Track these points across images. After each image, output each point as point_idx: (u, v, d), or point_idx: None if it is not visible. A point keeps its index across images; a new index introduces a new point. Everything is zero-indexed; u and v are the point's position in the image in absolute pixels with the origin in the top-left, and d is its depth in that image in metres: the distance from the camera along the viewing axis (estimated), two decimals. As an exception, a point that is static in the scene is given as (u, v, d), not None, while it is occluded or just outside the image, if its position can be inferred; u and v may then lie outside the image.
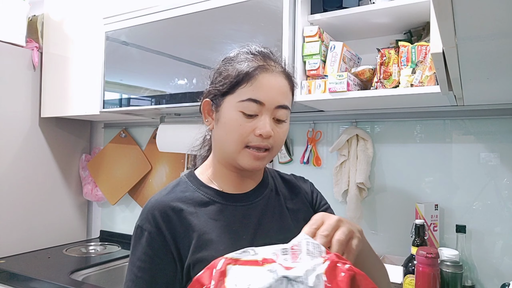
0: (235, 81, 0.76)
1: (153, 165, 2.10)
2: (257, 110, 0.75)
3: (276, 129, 0.77)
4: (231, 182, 0.83)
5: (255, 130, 0.75)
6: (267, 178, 0.89)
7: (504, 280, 1.24)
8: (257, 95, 0.75)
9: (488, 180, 1.36)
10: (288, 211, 0.87)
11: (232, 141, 0.76)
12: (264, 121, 0.75)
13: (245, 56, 0.79)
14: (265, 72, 0.76)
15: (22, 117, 1.96)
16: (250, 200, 0.83)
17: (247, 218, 0.80)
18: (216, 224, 0.77)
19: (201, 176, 0.84)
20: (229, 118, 0.76)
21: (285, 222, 0.85)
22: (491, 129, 1.36)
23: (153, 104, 1.63)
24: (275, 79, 0.77)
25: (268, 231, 0.80)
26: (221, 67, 0.81)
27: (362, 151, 1.52)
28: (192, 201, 0.78)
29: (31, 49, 1.99)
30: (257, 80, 0.75)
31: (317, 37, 1.34)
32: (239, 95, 0.76)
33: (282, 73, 0.79)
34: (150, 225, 0.75)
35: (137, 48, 1.67)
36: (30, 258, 1.84)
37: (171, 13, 1.56)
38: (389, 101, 1.36)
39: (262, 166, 0.79)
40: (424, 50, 1.22)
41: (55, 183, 2.13)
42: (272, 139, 0.77)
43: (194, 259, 0.73)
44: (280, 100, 0.77)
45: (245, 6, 1.37)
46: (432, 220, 1.37)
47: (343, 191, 1.55)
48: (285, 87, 0.79)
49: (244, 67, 0.77)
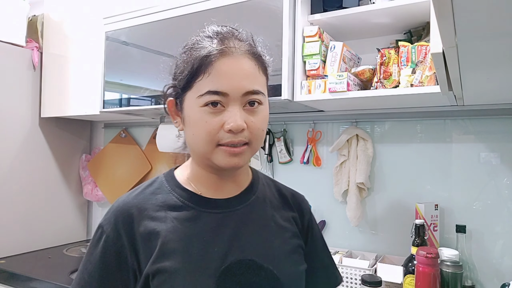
0: (190, 74, 0.66)
1: (153, 165, 2.10)
2: (222, 101, 0.65)
3: (250, 118, 0.66)
4: (211, 185, 0.73)
5: (224, 125, 0.64)
6: (256, 184, 0.79)
7: (504, 280, 1.24)
8: (217, 86, 0.64)
9: (488, 180, 1.36)
10: (275, 225, 0.75)
11: (201, 141, 0.66)
12: (231, 114, 0.64)
13: (202, 42, 0.67)
14: (222, 57, 0.65)
15: (22, 117, 1.96)
16: (229, 207, 0.73)
17: (222, 227, 0.70)
18: (185, 232, 0.68)
19: (179, 176, 0.75)
20: (193, 117, 0.67)
21: (268, 236, 0.73)
22: (491, 129, 1.36)
23: (153, 104, 1.63)
24: (236, 63, 0.65)
25: (245, 244, 0.70)
26: (178, 59, 0.70)
27: (362, 151, 1.52)
28: (163, 204, 0.70)
29: (31, 49, 1.99)
30: (214, 68, 0.64)
31: (317, 37, 1.34)
32: (197, 89, 0.65)
33: (246, 53, 0.67)
34: (111, 228, 0.68)
35: (137, 48, 1.67)
36: (30, 258, 1.84)
37: (171, 13, 1.55)
38: (389, 101, 1.36)
39: (242, 163, 0.68)
40: (424, 50, 1.22)
41: (55, 183, 2.13)
42: (247, 132, 0.66)
43: (154, 269, 0.65)
44: (247, 85, 0.65)
45: (245, 6, 1.37)
46: (432, 220, 1.37)
47: (343, 191, 1.55)
48: (251, 69, 0.67)
49: (198, 54, 0.66)
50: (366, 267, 1.36)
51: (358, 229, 1.57)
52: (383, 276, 1.26)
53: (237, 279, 0.67)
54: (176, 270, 0.65)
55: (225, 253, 0.68)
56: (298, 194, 0.86)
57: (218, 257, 0.67)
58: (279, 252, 0.73)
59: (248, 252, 0.69)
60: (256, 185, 0.79)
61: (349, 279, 1.38)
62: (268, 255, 0.71)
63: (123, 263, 0.66)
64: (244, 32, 0.71)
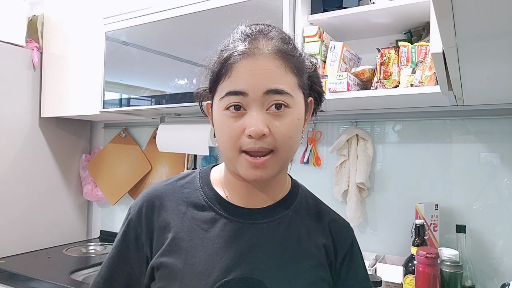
0: (215, 78, 0.64)
1: (153, 165, 2.10)
2: (243, 103, 0.60)
3: (275, 123, 0.60)
4: (239, 191, 0.69)
5: (245, 130, 0.60)
6: (293, 199, 0.72)
7: (504, 280, 1.24)
8: (236, 86, 0.60)
9: (488, 180, 1.36)
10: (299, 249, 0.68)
11: (225, 146, 0.63)
12: (251, 117, 0.59)
13: (230, 44, 0.65)
14: (244, 58, 0.61)
15: (22, 117, 1.96)
16: (252, 218, 0.67)
17: (237, 237, 0.65)
18: (197, 233, 0.65)
19: (213, 175, 0.73)
20: (217, 120, 0.64)
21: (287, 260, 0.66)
22: (491, 129, 1.36)
23: (153, 104, 1.63)
24: (258, 62, 0.60)
25: (257, 262, 0.64)
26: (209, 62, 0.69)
27: (362, 151, 1.52)
28: (186, 200, 0.69)
29: (31, 49, 1.99)
30: (235, 69, 0.61)
31: (317, 37, 1.34)
32: (219, 92, 0.63)
33: (272, 53, 0.61)
34: (135, 212, 0.70)
35: (137, 48, 1.67)
36: (30, 258, 1.84)
37: (171, 13, 1.55)
38: (389, 101, 1.36)
39: (266, 176, 0.62)
40: (424, 50, 1.22)
41: (55, 183, 2.13)
42: (271, 138, 0.60)
43: (159, 262, 0.65)
44: (268, 83, 0.60)
45: (245, 6, 1.37)
46: (432, 220, 1.37)
47: (343, 191, 1.55)
48: (274, 68, 0.61)
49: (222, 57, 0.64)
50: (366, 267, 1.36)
51: (358, 229, 1.57)
52: (383, 276, 1.26)
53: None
54: (177, 270, 0.64)
55: (230, 266, 0.63)
56: (342, 220, 0.78)
57: (222, 268, 0.62)
58: (296, 281, 0.65)
59: (258, 272, 0.63)
60: (292, 200, 0.72)
61: (349, 279, 1.38)
62: (281, 280, 0.64)
63: (140, 247, 0.69)
64: (275, 30, 0.65)
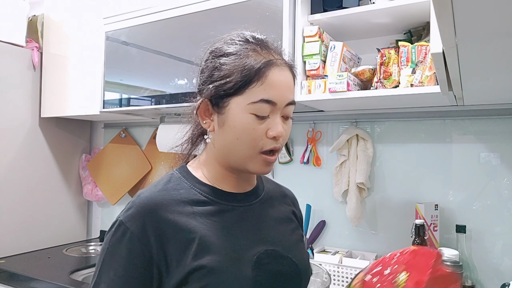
0: (243, 80, 0.68)
1: (153, 165, 2.10)
2: (269, 111, 0.69)
3: (284, 127, 0.72)
4: (229, 182, 0.77)
5: (268, 132, 0.69)
6: (261, 182, 0.85)
7: (504, 280, 1.24)
8: (270, 95, 0.68)
9: (488, 180, 1.36)
10: (284, 218, 0.83)
11: (244, 146, 0.70)
12: (275, 122, 0.70)
13: (245, 47, 0.71)
14: (273, 67, 0.69)
15: (22, 117, 1.96)
16: (248, 201, 0.78)
17: (244, 220, 0.75)
18: (216, 226, 0.70)
19: (195, 172, 0.77)
20: (239, 121, 0.69)
21: (281, 228, 0.80)
22: (491, 129, 1.36)
23: (153, 104, 1.63)
24: (283, 75, 0.71)
25: (266, 236, 0.75)
26: (216, 62, 0.72)
27: (362, 151, 1.52)
28: (187, 200, 0.71)
29: (31, 49, 1.99)
30: (268, 77, 0.68)
31: (317, 37, 1.34)
32: (249, 96, 0.68)
33: (286, 65, 0.73)
34: (136, 225, 0.66)
35: (137, 48, 1.67)
36: (30, 258, 1.84)
37: (171, 13, 1.55)
38: (389, 101, 1.36)
39: (270, 170, 0.75)
40: (424, 50, 1.22)
41: (55, 183, 2.13)
42: (282, 140, 0.72)
43: (195, 266, 0.66)
44: (289, 97, 0.72)
45: (245, 6, 1.37)
46: (432, 220, 1.37)
47: (343, 191, 1.55)
48: (291, 82, 0.73)
49: (251, 62, 0.69)
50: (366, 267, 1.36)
51: (358, 229, 1.57)
52: (383, 276, 1.26)
53: (266, 268, 0.71)
54: (217, 264, 0.67)
55: (252, 245, 0.72)
56: (289, 190, 0.94)
57: (247, 248, 0.71)
58: (292, 242, 0.80)
59: (270, 243, 0.75)
60: (262, 183, 0.85)
61: (349, 279, 1.38)
62: (285, 245, 0.77)
63: (148, 260, 0.66)
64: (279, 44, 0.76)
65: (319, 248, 1.60)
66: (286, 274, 0.74)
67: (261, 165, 0.72)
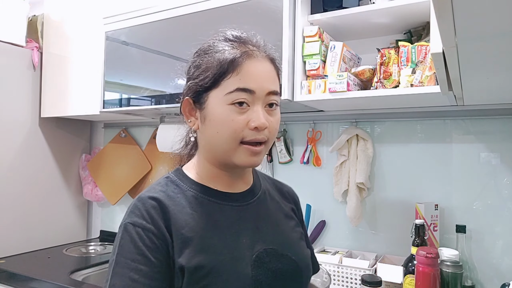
0: (218, 72, 0.69)
1: (153, 165, 2.10)
2: (248, 100, 0.69)
3: (270, 118, 0.72)
4: (222, 182, 0.77)
5: (249, 123, 0.69)
6: (258, 181, 0.85)
7: (504, 280, 1.24)
8: (246, 84, 0.69)
9: (488, 180, 1.36)
10: (283, 216, 0.84)
11: (225, 138, 0.70)
12: (257, 112, 0.69)
13: (223, 44, 0.73)
14: (249, 58, 0.70)
15: (22, 117, 1.96)
16: (245, 200, 0.77)
17: (243, 219, 0.75)
18: (215, 226, 0.71)
19: (189, 173, 0.78)
20: (218, 114, 0.70)
21: (280, 226, 0.81)
22: (491, 129, 1.36)
23: (153, 104, 1.63)
24: (261, 65, 0.71)
25: (265, 235, 0.76)
26: (197, 60, 0.74)
27: (362, 151, 1.52)
28: (185, 201, 0.72)
29: (31, 49, 1.99)
30: (243, 67, 0.69)
31: (317, 37, 1.34)
32: (225, 87, 0.69)
33: (266, 58, 0.73)
34: (145, 220, 0.67)
35: (137, 48, 1.67)
36: (30, 258, 1.84)
37: (171, 13, 1.55)
38: (389, 101, 1.36)
39: (259, 162, 0.74)
40: (424, 50, 1.22)
41: (55, 183, 2.13)
42: (267, 131, 0.71)
43: (194, 265, 0.66)
44: (270, 86, 0.72)
45: (245, 6, 1.37)
46: (432, 220, 1.37)
47: (343, 191, 1.55)
48: (272, 72, 0.74)
49: (226, 55, 0.70)
50: (366, 267, 1.36)
51: (358, 229, 1.57)
52: (383, 276, 1.26)
53: (266, 266, 0.72)
54: (219, 262, 0.67)
55: (252, 244, 0.72)
56: (289, 187, 0.94)
57: (247, 247, 0.72)
58: (292, 240, 0.81)
59: (269, 242, 0.75)
60: (259, 182, 0.85)
61: (349, 279, 1.38)
62: (284, 243, 0.78)
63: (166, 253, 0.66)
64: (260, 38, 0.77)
65: (319, 248, 1.60)
66: (286, 272, 0.74)
67: (246, 155, 0.71)
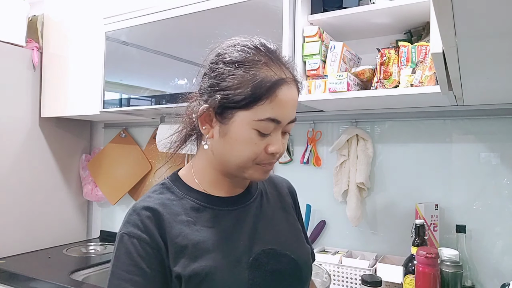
0: (252, 95, 0.66)
1: (153, 165, 2.10)
2: (272, 128, 0.69)
3: (283, 141, 0.72)
4: (222, 187, 0.77)
5: (268, 147, 0.70)
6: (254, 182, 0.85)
7: (504, 280, 1.24)
8: (276, 114, 0.68)
9: (488, 180, 1.36)
10: (281, 213, 0.84)
11: (242, 158, 0.70)
12: (277, 139, 0.70)
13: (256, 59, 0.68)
14: (283, 85, 0.68)
15: (22, 117, 1.96)
16: (242, 202, 0.78)
17: (240, 222, 0.75)
18: (211, 232, 0.71)
19: (186, 178, 0.77)
20: (241, 134, 0.68)
21: (279, 224, 0.81)
22: (491, 129, 1.36)
23: (153, 104, 1.63)
24: (291, 93, 0.70)
25: (263, 236, 0.76)
26: (224, 69, 0.69)
27: (362, 151, 1.52)
28: (181, 208, 0.72)
29: (31, 49, 1.99)
30: (277, 95, 0.67)
31: (317, 37, 1.34)
32: (256, 112, 0.67)
33: (294, 82, 0.72)
34: (140, 230, 0.68)
35: (137, 48, 1.67)
36: (30, 258, 1.84)
37: (171, 13, 1.55)
38: (389, 101, 1.36)
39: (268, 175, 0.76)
40: (424, 50, 1.22)
41: (55, 183, 2.13)
42: (278, 154, 0.72)
43: (189, 272, 0.66)
44: (293, 115, 0.72)
45: (245, 6, 1.37)
46: (432, 220, 1.37)
47: (343, 191, 1.55)
48: (297, 99, 0.72)
49: (261, 78, 0.67)
50: (366, 267, 1.36)
51: (358, 229, 1.57)
52: (383, 276, 1.26)
53: (264, 268, 0.72)
54: (213, 268, 0.67)
55: (249, 246, 0.73)
56: (284, 179, 0.94)
57: (244, 250, 0.72)
58: (291, 237, 0.81)
59: (268, 242, 0.75)
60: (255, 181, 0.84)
61: (349, 279, 1.38)
62: (283, 242, 0.78)
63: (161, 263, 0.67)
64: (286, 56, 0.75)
65: (319, 248, 1.60)
66: (285, 272, 0.74)
67: (258, 173, 0.73)
